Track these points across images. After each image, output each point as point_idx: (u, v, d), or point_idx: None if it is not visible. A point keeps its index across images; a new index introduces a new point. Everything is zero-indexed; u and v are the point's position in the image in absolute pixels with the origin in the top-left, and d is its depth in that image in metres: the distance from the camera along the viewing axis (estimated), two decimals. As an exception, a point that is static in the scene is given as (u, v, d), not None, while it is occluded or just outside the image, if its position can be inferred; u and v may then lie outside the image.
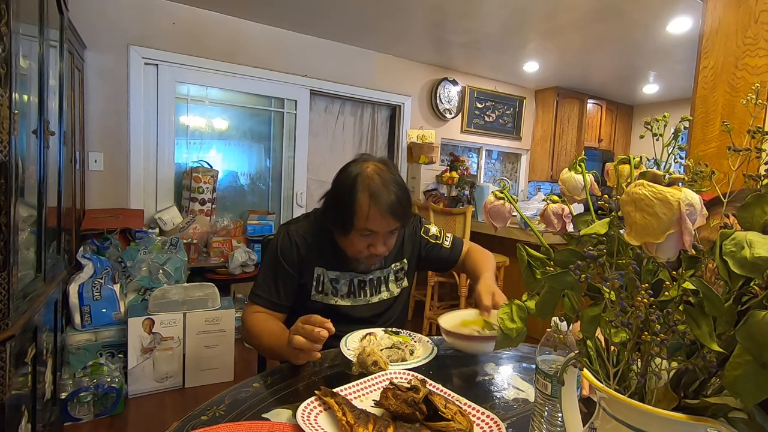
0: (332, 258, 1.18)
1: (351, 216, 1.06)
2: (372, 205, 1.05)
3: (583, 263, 0.43)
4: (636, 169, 0.49)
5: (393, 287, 1.27)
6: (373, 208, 1.05)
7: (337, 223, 1.10)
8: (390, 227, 1.09)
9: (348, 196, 1.06)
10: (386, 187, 1.07)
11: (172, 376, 2.28)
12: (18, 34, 1.07)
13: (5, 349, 1.04)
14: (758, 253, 0.34)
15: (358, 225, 1.07)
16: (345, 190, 1.07)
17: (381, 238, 1.10)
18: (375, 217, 1.05)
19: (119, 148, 2.79)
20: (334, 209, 1.11)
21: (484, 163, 4.83)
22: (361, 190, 1.06)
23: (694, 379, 0.40)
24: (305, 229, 1.19)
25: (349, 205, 1.06)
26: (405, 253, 1.28)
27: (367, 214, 1.05)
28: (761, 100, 0.45)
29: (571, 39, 3.21)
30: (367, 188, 1.06)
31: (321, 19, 3.07)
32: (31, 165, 1.31)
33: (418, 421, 0.67)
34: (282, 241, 1.18)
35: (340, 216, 1.08)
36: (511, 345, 0.55)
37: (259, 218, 3.25)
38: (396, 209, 1.07)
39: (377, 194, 1.05)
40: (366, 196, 1.05)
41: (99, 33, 2.65)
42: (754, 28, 1.54)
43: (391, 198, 1.06)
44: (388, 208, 1.05)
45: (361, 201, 1.05)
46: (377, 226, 1.07)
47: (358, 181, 1.07)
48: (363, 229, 1.07)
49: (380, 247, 1.11)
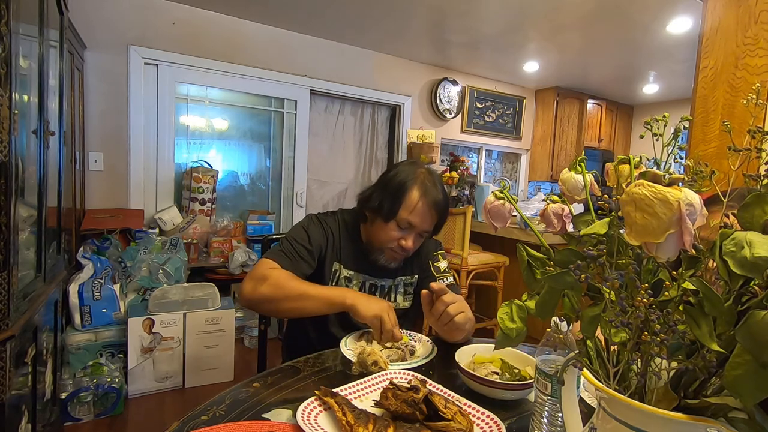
0: (351, 257, 1.23)
1: (398, 203, 1.14)
2: (422, 198, 1.14)
3: (583, 263, 0.43)
4: (636, 169, 0.49)
5: (400, 299, 1.28)
6: (421, 202, 1.14)
7: (381, 208, 1.16)
8: (429, 224, 1.17)
9: (401, 185, 1.15)
10: (435, 186, 1.17)
11: (172, 376, 2.28)
12: (18, 34, 1.07)
13: (5, 349, 1.04)
14: (758, 253, 0.34)
15: (402, 214, 1.14)
16: (398, 179, 1.16)
17: (414, 234, 1.17)
18: (420, 210, 1.14)
19: (119, 148, 2.79)
20: (382, 194, 1.17)
21: (484, 163, 4.83)
22: (414, 183, 1.15)
23: (694, 379, 0.40)
24: (332, 223, 1.25)
25: (401, 193, 1.14)
26: (416, 269, 1.30)
27: (414, 205, 1.14)
28: (761, 100, 0.45)
29: (571, 39, 3.21)
30: (421, 184, 1.16)
31: (321, 19, 3.07)
32: (31, 165, 1.31)
33: (418, 421, 0.67)
34: (312, 223, 1.23)
35: (387, 201, 1.15)
36: (511, 345, 0.55)
37: (259, 218, 3.25)
38: (440, 208, 1.16)
39: (428, 191, 1.15)
40: (418, 189, 1.15)
41: (99, 33, 2.65)
42: (754, 28, 1.54)
43: (439, 197, 1.16)
44: (434, 205, 1.15)
45: (413, 192, 1.14)
46: (419, 220, 1.14)
47: (413, 176, 1.16)
48: (404, 221, 1.14)
49: (410, 242, 1.16)
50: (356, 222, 1.26)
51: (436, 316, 1.00)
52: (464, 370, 0.85)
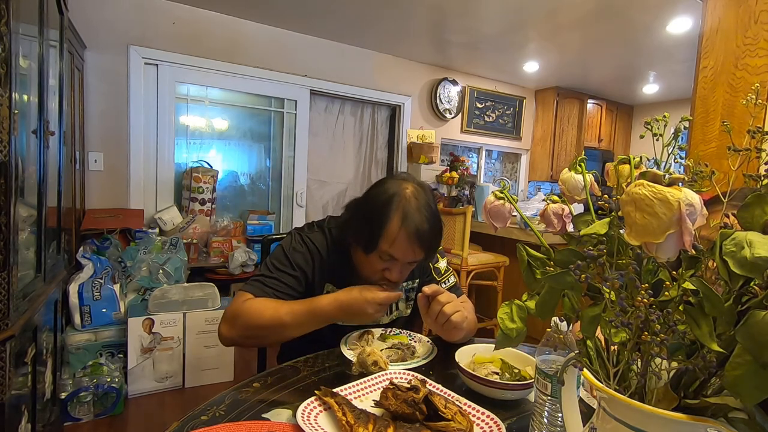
0: (343, 275, 1.12)
1: (377, 235, 1.00)
2: (402, 229, 0.99)
3: (583, 263, 0.43)
4: (636, 169, 0.49)
5: (402, 306, 1.23)
6: (402, 233, 0.99)
7: (360, 238, 1.04)
8: (413, 257, 1.03)
9: (380, 213, 1.00)
10: (420, 213, 1.00)
11: (172, 376, 2.28)
12: (18, 34, 1.07)
13: (5, 349, 1.04)
14: (758, 253, 0.34)
15: (382, 247, 1.00)
16: (378, 205, 1.01)
17: (399, 266, 1.04)
18: (401, 243, 0.99)
19: (119, 148, 2.79)
20: (361, 223, 1.04)
21: (484, 163, 4.83)
22: (394, 210, 1.00)
23: (694, 379, 0.40)
24: (320, 241, 1.13)
25: (379, 223, 1.00)
26: (416, 273, 1.22)
27: (394, 237, 0.99)
28: (761, 100, 0.45)
29: (571, 39, 3.21)
30: (402, 209, 1.00)
31: (321, 19, 3.07)
32: (31, 165, 1.31)
33: (418, 421, 0.67)
34: (295, 243, 1.12)
35: (366, 232, 1.02)
36: (511, 345, 0.55)
37: (259, 218, 3.25)
38: (424, 239, 1.00)
39: (409, 218, 0.99)
40: (398, 218, 0.99)
41: (99, 33, 2.65)
42: (754, 28, 1.54)
43: (424, 227, 1.00)
44: (417, 237, 0.99)
45: (392, 222, 0.99)
46: (401, 254, 1.01)
47: (394, 200, 1.00)
48: (385, 253, 1.01)
49: (395, 274, 1.05)
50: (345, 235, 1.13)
51: (432, 317, 0.98)
52: (464, 370, 0.85)
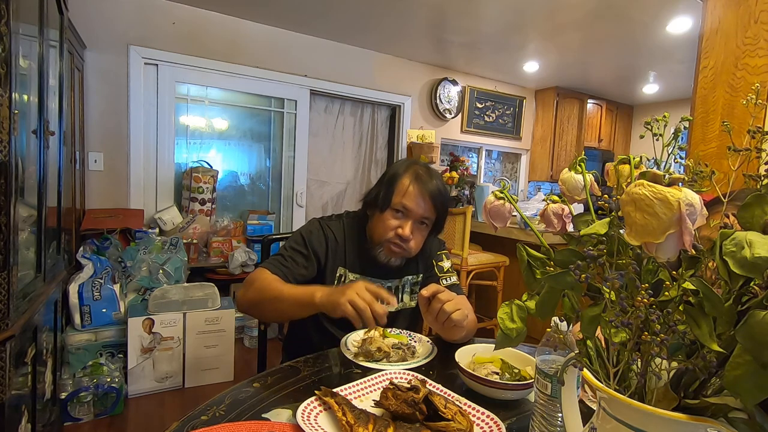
0: (356, 260, 1.23)
1: (391, 191, 1.16)
2: (413, 183, 1.15)
3: (583, 263, 0.43)
4: (636, 169, 0.49)
5: (407, 299, 1.28)
6: (412, 186, 1.15)
7: (377, 198, 1.18)
8: (424, 211, 1.16)
9: (393, 175, 1.18)
10: (429, 176, 1.18)
11: (172, 376, 2.28)
12: (18, 34, 1.07)
13: (5, 349, 1.04)
14: (758, 253, 0.34)
15: (395, 199, 1.15)
16: (392, 172, 1.20)
17: (411, 222, 1.16)
18: (413, 194, 1.14)
19: (119, 148, 2.79)
20: (378, 187, 1.21)
21: (484, 163, 4.83)
22: (406, 171, 1.18)
23: (694, 379, 0.40)
24: (336, 227, 1.25)
25: (393, 181, 1.17)
26: (421, 268, 1.29)
27: (406, 189, 1.15)
28: (761, 100, 0.45)
29: (571, 39, 3.20)
30: (413, 172, 1.18)
31: (321, 19, 3.07)
32: (31, 165, 1.31)
33: (418, 421, 0.67)
34: (313, 228, 1.23)
35: (382, 192, 1.17)
36: (511, 345, 0.55)
37: (259, 218, 3.25)
38: (434, 195, 1.16)
39: (420, 178, 1.16)
40: (410, 177, 1.17)
41: (99, 33, 2.65)
42: (754, 28, 1.54)
43: (432, 184, 1.16)
44: (428, 191, 1.15)
45: (404, 179, 1.17)
46: (413, 203, 1.14)
47: (406, 166, 1.20)
48: (398, 204, 1.15)
49: (407, 229, 1.15)
50: (361, 224, 1.25)
51: (433, 315, 0.99)
52: (464, 370, 0.85)
